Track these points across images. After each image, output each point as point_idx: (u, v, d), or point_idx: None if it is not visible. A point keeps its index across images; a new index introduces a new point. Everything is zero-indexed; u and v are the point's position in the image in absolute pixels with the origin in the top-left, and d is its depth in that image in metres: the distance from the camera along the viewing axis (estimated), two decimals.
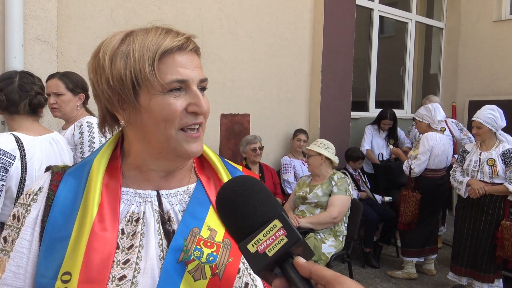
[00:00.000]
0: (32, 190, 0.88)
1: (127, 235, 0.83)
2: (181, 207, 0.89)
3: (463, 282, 3.88)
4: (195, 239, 0.83)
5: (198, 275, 0.79)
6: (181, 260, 0.80)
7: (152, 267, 0.80)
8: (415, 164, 4.22)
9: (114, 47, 0.84)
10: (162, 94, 0.81)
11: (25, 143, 2.07)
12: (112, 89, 0.83)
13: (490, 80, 6.70)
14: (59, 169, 0.90)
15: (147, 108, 0.82)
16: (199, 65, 0.86)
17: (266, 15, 4.83)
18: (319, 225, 3.66)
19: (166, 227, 0.86)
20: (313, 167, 3.90)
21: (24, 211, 0.86)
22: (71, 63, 3.45)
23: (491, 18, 6.87)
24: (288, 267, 0.63)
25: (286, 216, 0.65)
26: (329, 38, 5.25)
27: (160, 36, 0.82)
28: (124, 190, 0.88)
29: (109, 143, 0.93)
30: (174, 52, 0.82)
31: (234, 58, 4.58)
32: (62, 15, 3.37)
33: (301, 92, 5.30)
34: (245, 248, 0.64)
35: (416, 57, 7.33)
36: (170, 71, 0.81)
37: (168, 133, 0.82)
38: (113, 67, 0.82)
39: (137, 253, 0.81)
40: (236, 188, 0.69)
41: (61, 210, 0.83)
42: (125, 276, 0.78)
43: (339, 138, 5.05)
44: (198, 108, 0.83)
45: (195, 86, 0.84)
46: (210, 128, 4.45)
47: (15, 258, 0.83)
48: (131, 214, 0.85)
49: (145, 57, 0.80)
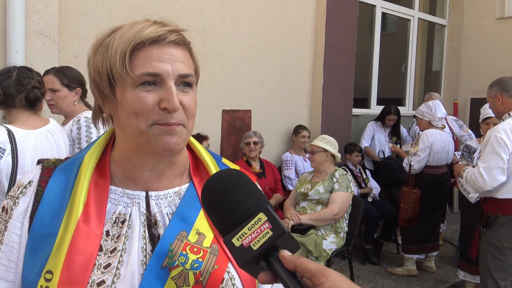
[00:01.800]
0: (21, 183, 0.86)
1: (112, 237, 0.81)
2: (170, 210, 0.86)
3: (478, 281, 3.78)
4: (181, 243, 0.80)
5: (181, 282, 0.77)
6: (165, 265, 0.78)
7: (133, 273, 0.77)
8: (415, 161, 4.23)
9: (100, 40, 0.83)
10: (134, 88, 0.78)
11: (18, 136, 2.08)
12: (94, 82, 0.83)
13: (492, 78, 6.59)
14: (49, 164, 0.88)
15: (120, 101, 0.80)
16: (183, 60, 0.81)
17: (268, 11, 4.82)
18: (320, 222, 3.66)
19: (152, 231, 0.83)
20: (318, 164, 3.88)
21: (12, 204, 0.84)
22: (73, 58, 3.45)
23: (493, 15, 6.85)
24: (273, 261, 0.63)
25: (271, 209, 0.64)
26: (331, 35, 5.24)
27: (142, 29, 0.79)
28: (112, 189, 0.86)
29: (101, 139, 0.90)
30: (150, 44, 0.78)
31: (235, 53, 4.57)
32: (64, 9, 3.36)
33: (303, 88, 5.29)
34: (230, 242, 0.63)
35: (418, 54, 7.31)
36: (143, 64, 0.78)
37: (140, 127, 0.79)
38: (94, 60, 0.82)
39: (119, 257, 0.78)
40: (221, 182, 0.68)
41: (49, 206, 0.82)
42: (104, 282, 0.75)
43: (340, 134, 5.05)
44: (168, 104, 0.77)
45: (171, 81, 0.79)
46: (211, 124, 4.45)
47: (6, 251, 0.82)
48: (117, 215, 0.83)
49: (119, 50, 0.78)
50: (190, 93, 0.83)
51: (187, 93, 0.82)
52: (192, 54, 0.87)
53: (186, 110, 0.81)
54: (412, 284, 4.27)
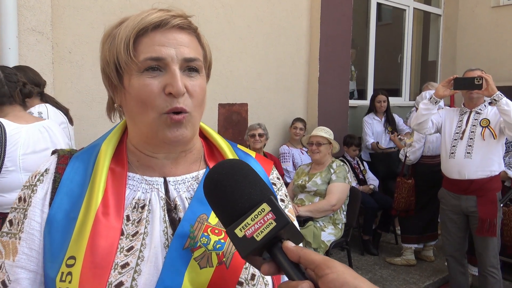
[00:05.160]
0: (38, 171, 0.86)
1: (132, 221, 0.80)
2: (188, 194, 0.86)
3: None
4: (202, 226, 0.80)
5: (204, 262, 0.76)
6: (187, 246, 0.77)
7: (156, 255, 0.77)
8: (410, 152, 4.25)
9: (108, 32, 0.83)
10: (139, 74, 0.78)
11: (10, 129, 2.10)
12: (103, 72, 0.83)
13: (488, 67, 6.66)
14: (65, 153, 0.88)
15: (128, 90, 0.80)
16: (188, 44, 0.80)
17: (263, 3, 4.79)
18: (318, 213, 3.67)
19: (172, 215, 0.83)
20: (322, 155, 3.88)
21: (30, 192, 0.83)
22: (67, 54, 3.42)
23: (489, 4, 6.83)
24: (277, 252, 0.62)
25: (275, 200, 0.63)
26: (327, 26, 5.21)
27: (146, 16, 0.78)
28: (130, 176, 0.86)
29: (118, 127, 0.91)
30: (153, 30, 0.78)
31: (231, 47, 4.55)
32: (57, 5, 3.33)
33: (299, 80, 5.28)
34: (232, 233, 0.63)
35: (414, 44, 7.29)
36: (146, 49, 0.77)
37: (150, 116, 0.78)
38: (103, 50, 0.82)
39: (141, 241, 0.78)
40: (223, 172, 0.68)
41: (67, 193, 0.81)
42: (128, 264, 0.75)
43: (337, 126, 5.04)
44: (172, 88, 0.76)
45: (175, 65, 0.78)
46: (208, 118, 4.43)
47: (27, 240, 0.79)
48: (136, 201, 0.83)
49: (123, 37, 0.78)
50: (196, 78, 0.81)
51: (193, 78, 0.81)
52: (201, 39, 0.86)
53: (192, 96, 0.80)
54: (411, 273, 4.29)
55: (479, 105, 3.35)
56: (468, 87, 3.24)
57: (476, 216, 3.27)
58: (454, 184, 3.39)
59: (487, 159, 3.24)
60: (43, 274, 0.79)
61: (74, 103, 3.47)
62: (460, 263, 3.53)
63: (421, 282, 4.11)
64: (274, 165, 1.02)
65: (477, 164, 3.24)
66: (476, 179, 3.25)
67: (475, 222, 3.29)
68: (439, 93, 3.35)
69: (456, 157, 3.32)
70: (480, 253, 3.34)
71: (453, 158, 3.34)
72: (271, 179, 0.96)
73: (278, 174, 1.00)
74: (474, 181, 3.26)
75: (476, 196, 3.28)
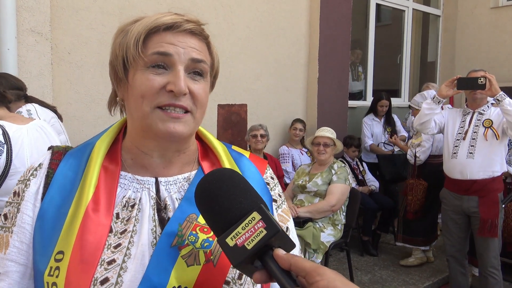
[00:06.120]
0: (32, 166, 0.87)
1: (122, 219, 0.81)
2: (179, 195, 0.87)
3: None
4: (191, 225, 0.81)
5: (192, 260, 0.77)
6: (175, 244, 0.78)
7: (143, 253, 0.78)
8: (420, 152, 4.19)
9: (122, 27, 0.85)
10: (145, 69, 0.79)
11: (12, 131, 2.10)
12: (111, 65, 0.85)
13: (487, 67, 6.62)
14: (59, 149, 0.90)
15: (131, 84, 0.81)
16: (197, 48, 0.82)
17: (262, 4, 4.79)
18: (318, 214, 3.66)
19: (162, 215, 0.83)
20: (328, 156, 3.88)
21: (23, 186, 0.85)
22: (66, 55, 3.42)
23: (488, 5, 6.84)
24: (268, 260, 0.62)
25: (265, 208, 0.64)
26: (326, 27, 5.21)
27: (161, 17, 0.80)
28: (122, 174, 0.87)
29: (114, 127, 0.92)
30: (165, 30, 0.80)
31: (230, 48, 4.55)
32: (56, 6, 3.33)
33: (298, 81, 5.28)
34: (224, 242, 0.63)
35: (413, 45, 7.30)
36: (155, 45, 0.79)
37: (144, 109, 0.79)
38: (114, 43, 0.84)
39: (129, 238, 0.79)
40: (214, 181, 0.68)
41: (59, 188, 0.82)
42: (114, 260, 0.76)
43: (336, 127, 5.02)
44: (174, 86, 0.77)
45: (181, 65, 0.79)
46: (207, 119, 4.43)
47: (18, 233, 0.81)
48: (127, 199, 0.84)
49: (135, 33, 0.79)
50: (200, 82, 0.83)
51: (197, 81, 0.82)
52: (211, 47, 0.87)
53: (194, 97, 0.81)
54: (410, 274, 4.29)
55: (482, 106, 3.36)
56: (471, 87, 3.25)
57: (478, 217, 3.27)
58: (456, 184, 3.39)
59: (489, 159, 3.25)
60: (33, 268, 0.80)
61: (73, 104, 3.47)
62: (461, 263, 3.53)
63: (421, 283, 4.11)
64: (275, 166, 1.03)
65: (479, 164, 3.25)
66: (478, 180, 3.26)
67: (477, 222, 3.29)
68: (442, 93, 3.35)
69: (458, 157, 3.33)
70: (481, 254, 3.34)
71: (455, 158, 3.35)
72: (265, 178, 0.97)
73: (272, 174, 1.01)
74: (476, 182, 3.26)
75: (478, 196, 3.28)
